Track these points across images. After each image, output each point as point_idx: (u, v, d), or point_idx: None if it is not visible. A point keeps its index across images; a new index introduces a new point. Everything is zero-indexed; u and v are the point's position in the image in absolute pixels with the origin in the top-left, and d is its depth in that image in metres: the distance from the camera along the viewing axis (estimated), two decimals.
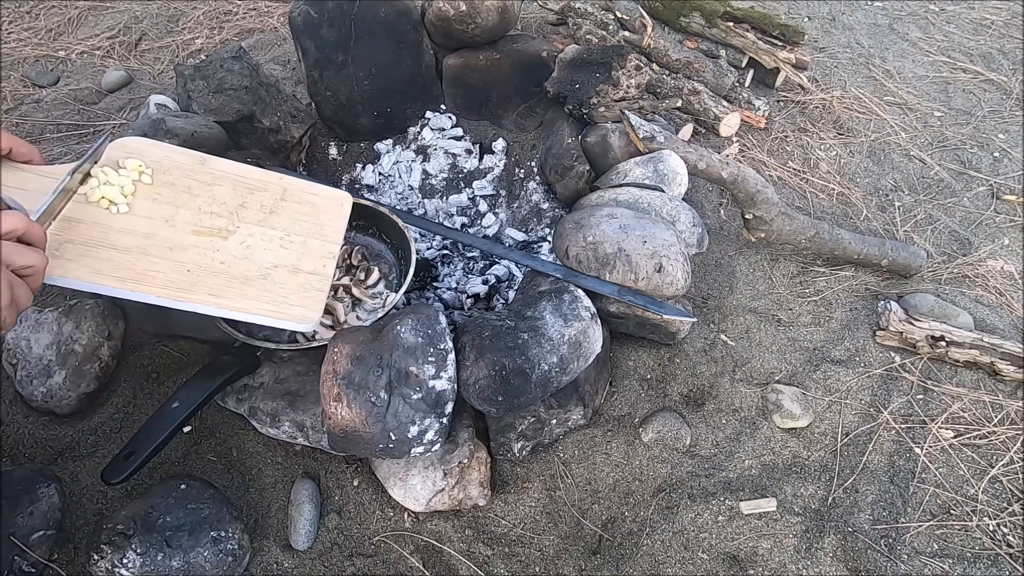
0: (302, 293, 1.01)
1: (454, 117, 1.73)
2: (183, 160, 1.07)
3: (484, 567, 1.08)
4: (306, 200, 1.14)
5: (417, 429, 0.96)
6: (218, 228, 1.02)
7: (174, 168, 1.05)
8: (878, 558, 1.12)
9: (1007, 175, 1.91)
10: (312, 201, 1.14)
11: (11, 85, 1.96)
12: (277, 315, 0.96)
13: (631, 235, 1.14)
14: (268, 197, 1.10)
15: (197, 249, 0.98)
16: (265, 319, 0.95)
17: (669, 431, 1.23)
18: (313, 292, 1.02)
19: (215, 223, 1.02)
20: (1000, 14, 2.62)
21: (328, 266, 1.07)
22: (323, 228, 1.12)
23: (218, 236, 1.01)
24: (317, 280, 1.04)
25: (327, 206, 1.15)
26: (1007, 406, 1.33)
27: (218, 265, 0.98)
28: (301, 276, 1.03)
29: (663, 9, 1.95)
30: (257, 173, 1.13)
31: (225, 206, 1.05)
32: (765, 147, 1.89)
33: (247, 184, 1.10)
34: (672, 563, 1.10)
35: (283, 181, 1.14)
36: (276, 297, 0.98)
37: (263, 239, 1.04)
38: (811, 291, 1.55)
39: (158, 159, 1.05)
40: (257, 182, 1.11)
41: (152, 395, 1.20)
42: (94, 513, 1.07)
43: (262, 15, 2.31)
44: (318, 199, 1.15)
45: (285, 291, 1.00)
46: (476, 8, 1.47)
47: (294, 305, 0.99)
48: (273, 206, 1.09)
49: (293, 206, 1.11)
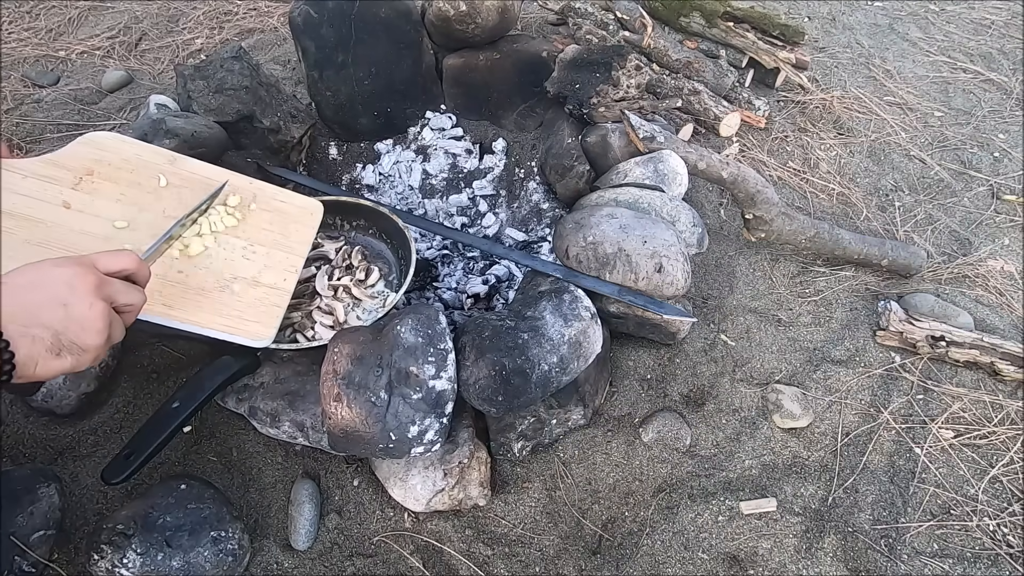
0: (259, 308, 0.99)
1: (454, 117, 1.73)
2: (153, 159, 1.05)
3: (484, 567, 1.08)
4: (275, 208, 1.12)
5: (417, 429, 0.96)
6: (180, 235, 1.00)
7: (142, 167, 1.03)
8: (878, 558, 1.12)
9: (1007, 175, 1.91)
10: (282, 209, 1.12)
11: (11, 85, 1.96)
12: (231, 330, 0.95)
13: (631, 235, 1.14)
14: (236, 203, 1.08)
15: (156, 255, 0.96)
16: (218, 333, 0.94)
17: (669, 431, 1.23)
18: (270, 307, 1.00)
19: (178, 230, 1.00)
20: (1000, 14, 2.62)
21: (289, 280, 1.05)
22: (289, 239, 1.10)
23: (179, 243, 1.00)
24: (276, 295, 1.02)
25: (297, 215, 1.14)
26: (1007, 406, 1.33)
27: (176, 274, 0.96)
28: (260, 290, 1.01)
29: (663, 9, 1.95)
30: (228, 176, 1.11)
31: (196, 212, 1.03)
32: (765, 147, 1.89)
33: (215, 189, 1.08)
34: (672, 563, 1.10)
35: (253, 187, 1.12)
36: (232, 311, 0.96)
37: (226, 248, 1.03)
38: (811, 291, 1.55)
39: (127, 158, 1.03)
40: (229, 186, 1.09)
41: (152, 395, 1.20)
42: (94, 513, 1.07)
43: (262, 15, 2.31)
44: (288, 207, 1.13)
45: (242, 305, 0.98)
46: (476, 8, 1.47)
47: (249, 321, 0.97)
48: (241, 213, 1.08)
49: (261, 214, 1.10)
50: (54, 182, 0.95)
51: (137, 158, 1.04)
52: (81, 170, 0.98)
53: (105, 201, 0.97)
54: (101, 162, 1.01)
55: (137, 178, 1.02)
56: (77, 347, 0.64)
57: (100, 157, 1.01)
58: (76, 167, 0.98)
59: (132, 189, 1.00)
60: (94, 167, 1.00)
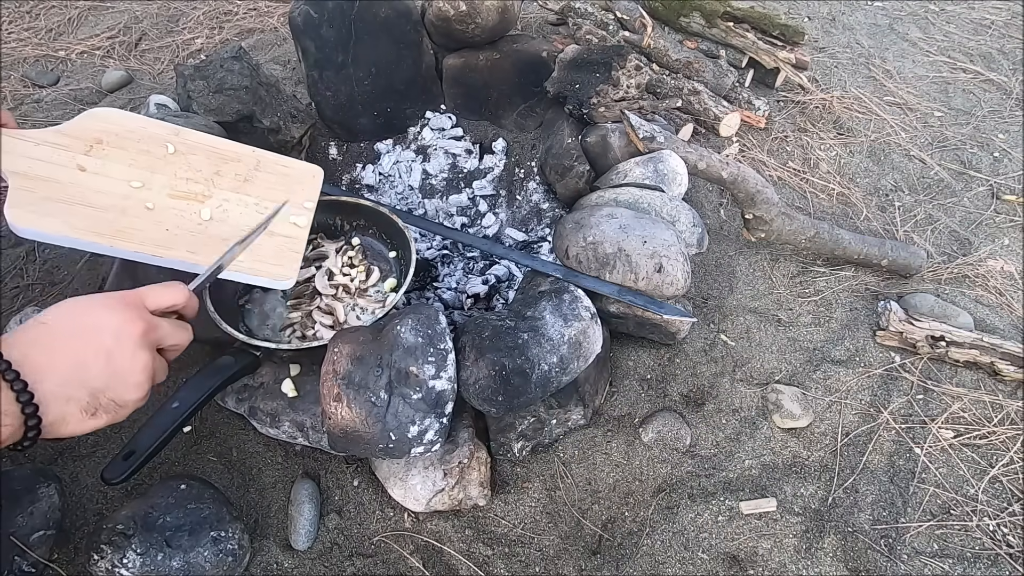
0: (279, 254, 1.05)
1: (454, 117, 1.72)
2: (158, 131, 1.09)
3: (484, 567, 1.08)
4: (279, 172, 1.17)
5: (417, 429, 0.96)
6: (194, 192, 1.05)
7: (149, 138, 1.07)
8: (878, 558, 1.12)
9: (1007, 175, 1.91)
10: (285, 172, 1.18)
11: (11, 85, 1.96)
12: (256, 272, 1.00)
13: (631, 235, 1.14)
14: (242, 167, 1.13)
15: (175, 211, 1.01)
16: (244, 276, 0.99)
17: (669, 431, 1.23)
18: (289, 253, 1.07)
19: (191, 188, 1.05)
20: (1000, 14, 2.62)
21: (303, 231, 1.10)
22: (296, 196, 1.15)
23: (195, 200, 1.04)
24: (292, 242, 1.08)
25: (300, 177, 1.19)
26: (1007, 406, 1.33)
27: (195, 225, 1.01)
28: (277, 239, 1.07)
29: (663, 9, 1.95)
30: (231, 145, 1.16)
31: (200, 173, 1.08)
32: (765, 147, 1.89)
33: (221, 155, 1.13)
34: (672, 563, 1.10)
35: (256, 154, 1.17)
36: (254, 256, 1.01)
37: (238, 204, 1.08)
38: (811, 291, 1.55)
39: (133, 129, 1.07)
40: (231, 153, 1.14)
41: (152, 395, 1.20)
42: (94, 513, 1.07)
43: (262, 15, 2.31)
44: (291, 171, 1.19)
45: (263, 251, 1.03)
46: (476, 8, 1.47)
47: (272, 264, 1.03)
48: (247, 175, 1.13)
49: (267, 176, 1.15)
50: (66, 149, 0.98)
51: (142, 130, 1.08)
52: (90, 139, 1.02)
53: (118, 165, 1.01)
54: (108, 132, 1.04)
55: (145, 146, 1.06)
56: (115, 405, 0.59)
57: (106, 128, 1.05)
58: (85, 136, 1.02)
59: (142, 156, 1.05)
60: (102, 136, 1.03)
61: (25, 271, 1.38)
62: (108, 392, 0.58)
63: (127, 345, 0.59)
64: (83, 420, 0.57)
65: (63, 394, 0.55)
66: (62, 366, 0.56)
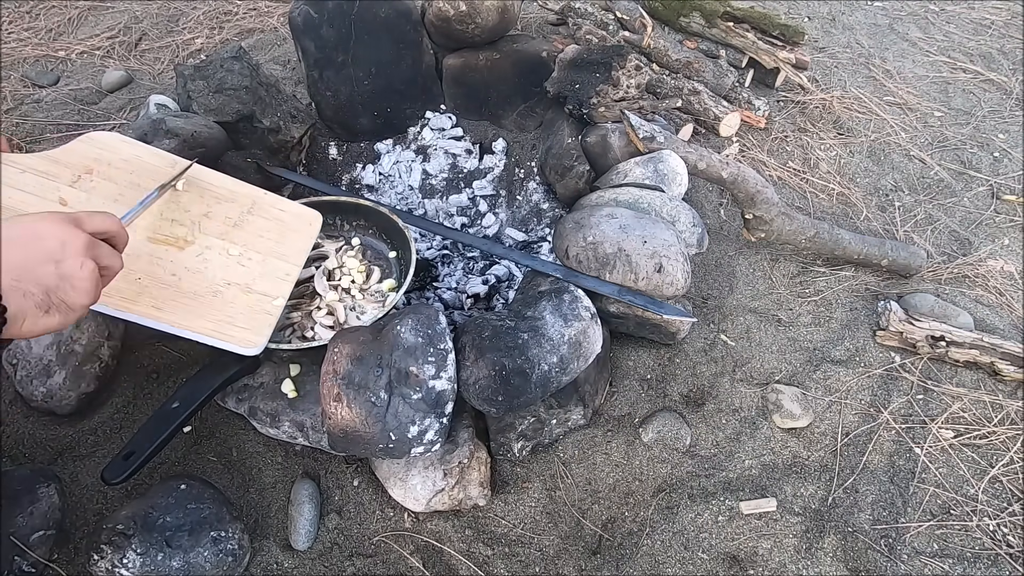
0: (251, 315, 0.98)
1: (454, 117, 1.72)
2: (153, 161, 1.05)
3: (484, 567, 1.08)
4: (274, 216, 1.11)
5: (417, 429, 0.96)
6: (176, 237, 0.99)
7: (142, 169, 1.03)
8: (878, 558, 1.12)
9: (1007, 175, 1.91)
10: (280, 218, 1.12)
11: (11, 85, 1.96)
12: (220, 336, 0.93)
13: (631, 235, 1.14)
14: (235, 209, 1.08)
15: (151, 258, 0.95)
16: (207, 339, 0.92)
17: (669, 431, 1.23)
18: (262, 315, 0.99)
19: (174, 231, 0.99)
20: (1000, 14, 2.62)
21: (284, 289, 1.04)
22: (286, 248, 1.09)
23: (175, 246, 0.99)
24: (269, 303, 1.01)
25: (295, 224, 1.13)
26: (1007, 406, 1.33)
27: (169, 277, 0.95)
28: (253, 297, 1.00)
29: (663, 9, 1.95)
30: (229, 183, 1.10)
31: (188, 215, 1.03)
32: (765, 147, 1.89)
33: (216, 193, 1.07)
34: (672, 563, 1.10)
35: (252, 194, 1.11)
36: (223, 316, 0.95)
37: (221, 254, 1.02)
38: (811, 291, 1.55)
39: (127, 158, 1.02)
40: (227, 192, 1.09)
41: (152, 395, 1.20)
42: (94, 513, 1.07)
43: (262, 15, 2.31)
44: (286, 216, 1.13)
45: (233, 311, 0.97)
46: (476, 8, 1.47)
47: (240, 327, 0.96)
48: (238, 219, 1.07)
49: (259, 221, 1.09)
50: (52, 178, 0.94)
51: (137, 159, 1.03)
52: (80, 168, 0.98)
53: (102, 200, 0.96)
54: (100, 161, 1.00)
55: (137, 179, 1.01)
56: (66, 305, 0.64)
57: (100, 156, 1.01)
58: (75, 164, 0.98)
59: (131, 190, 1.00)
60: (93, 166, 0.99)
61: None
62: (59, 292, 0.63)
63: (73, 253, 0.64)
64: (39, 316, 0.61)
65: (20, 288, 0.60)
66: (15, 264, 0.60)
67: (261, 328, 0.98)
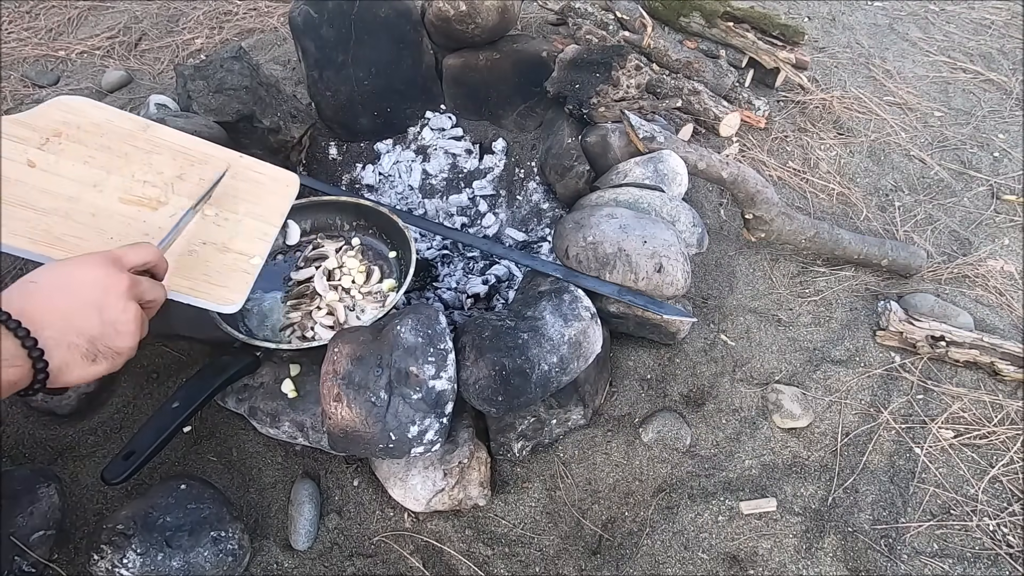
0: (228, 274, 0.98)
1: (454, 117, 1.72)
2: (124, 124, 1.04)
3: (484, 567, 1.08)
4: (250, 178, 1.11)
5: (417, 429, 0.96)
6: (149, 198, 0.98)
7: (113, 132, 1.02)
8: (878, 558, 1.12)
9: (1007, 175, 1.91)
10: (257, 180, 1.11)
11: (11, 85, 1.96)
12: (197, 293, 0.93)
13: (631, 235, 1.14)
14: (209, 171, 1.07)
15: (122, 218, 0.95)
16: (183, 296, 0.92)
17: (669, 431, 1.23)
18: (240, 274, 0.99)
19: (146, 192, 0.99)
20: (1000, 14, 2.62)
21: (262, 248, 1.03)
22: (263, 208, 1.08)
23: (147, 207, 0.98)
24: (246, 262, 1.01)
25: (272, 187, 1.12)
26: (1007, 406, 1.33)
27: (141, 236, 0.94)
28: (230, 256, 1.00)
29: (663, 9, 1.95)
30: (203, 146, 1.10)
31: (161, 176, 1.02)
32: (765, 147, 1.89)
33: (189, 156, 1.07)
34: (672, 563, 1.10)
35: (229, 157, 1.11)
36: (199, 275, 0.95)
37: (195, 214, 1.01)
38: (811, 291, 1.55)
39: (98, 122, 1.02)
40: (201, 155, 1.08)
41: (152, 395, 1.20)
42: (94, 513, 1.07)
43: (262, 15, 2.31)
44: (264, 178, 1.12)
45: (209, 269, 0.96)
46: (476, 8, 1.47)
47: (217, 285, 0.95)
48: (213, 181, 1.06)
49: (235, 183, 1.08)
50: (20, 141, 0.94)
51: (108, 123, 1.03)
52: (48, 131, 0.97)
53: (71, 162, 0.96)
54: (69, 124, 0.99)
55: (107, 142, 1.01)
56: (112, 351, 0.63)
57: (68, 120, 1.00)
58: (43, 127, 0.97)
59: (100, 153, 0.99)
60: (62, 129, 0.98)
61: (26, 270, 1.38)
62: (104, 340, 0.62)
63: (116, 297, 0.63)
64: (86, 366, 0.61)
65: (64, 340, 0.59)
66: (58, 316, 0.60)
67: (238, 286, 0.98)
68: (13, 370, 0.55)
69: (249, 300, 1.20)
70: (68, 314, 0.60)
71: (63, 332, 0.59)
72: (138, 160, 1.02)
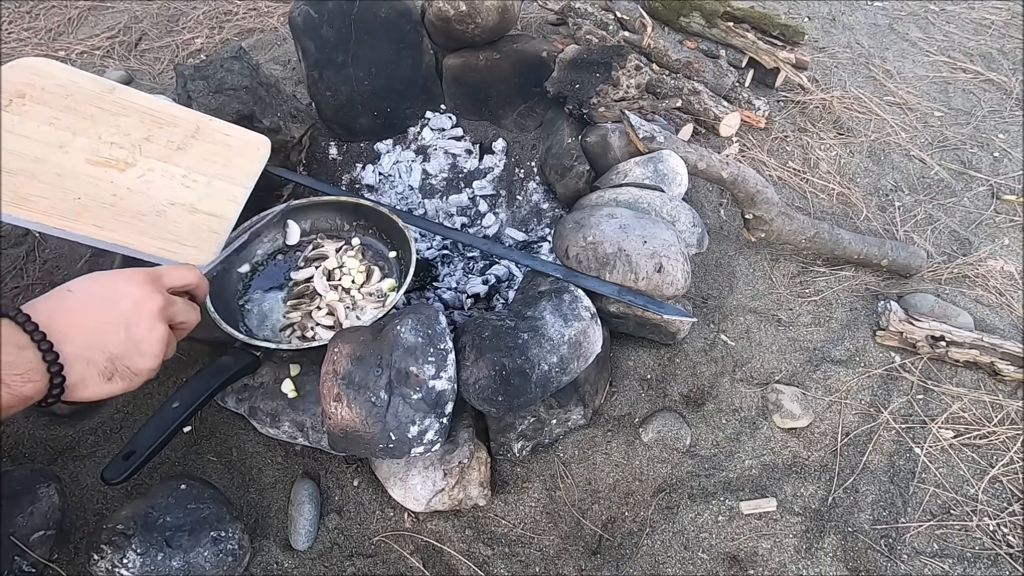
0: (197, 234, 0.99)
1: (454, 117, 1.73)
2: (90, 87, 1.04)
3: (484, 567, 1.08)
4: (219, 141, 1.11)
5: (417, 429, 0.96)
6: (116, 159, 0.99)
7: (79, 94, 1.02)
8: (878, 558, 1.12)
9: (1007, 175, 1.91)
10: (226, 143, 1.11)
11: None
12: (166, 253, 0.94)
13: (631, 235, 1.14)
14: (177, 133, 1.07)
15: (89, 179, 0.95)
16: (151, 256, 0.93)
17: (669, 431, 1.23)
18: (209, 234, 1.00)
19: (113, 154, 0.99)
20: (1000, 14, 2.62)
21: (231, 210, 1.04)
22: (233, 171, 1.09)
23: (114, 168, 0.98)
24: (216, 222, 1.02)
25: (242, 149, 1.13)
26: (1007, 406, 1.33)
27: (109, 197, 0.95)
28: (199, 216, 1.00)
29: (663, 9, 1.95)
30: (171, 108, 1.10)
31: (128, 138, 1.02)
32: (765, 147, 1.89)
33: (157, 118, 1.07)
34: (672, 563, 1.10)
35: (196, 118, 1.11)
36: (168, 235, 0.95)
37: (164, 175, 1.02)
38: (811, 291, 1.55)
39: (63, 83, 1.01)
40: (168, 117, 1.08)
41: (152, 395, 1.20)
42: (94, 513, 1.07)
43: (262, 15, 2.31)
44: (233, 141, 1.12)
45: (179, 230, 0.97)
46: (476, 8, 1.47)
47: (186, 245, 0.96)
48: (181, 143, 1.06)
49: (204, 145, 1.09)
50: None
51: (72, 84, 1.02)
52: (12, 92, 0.97)
53: (36, 123, 0.96)
54: (34, 86, 0.99)
55: (73, 104, 1.00)
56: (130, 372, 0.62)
57: (32, 81, 1.00)
58: (7, 89, 0.97)
59: (66, 114, 0.99)
60: (26, 90, 0.98)
61: (25, 271, 1.38)
62: (124, 359, 0.62)
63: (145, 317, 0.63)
64: (100, 383, 0.61)
65: (84, 356, 0.59)
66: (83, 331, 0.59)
67: (208, 246, 0.99)
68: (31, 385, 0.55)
69: (249, 300, 1.21)
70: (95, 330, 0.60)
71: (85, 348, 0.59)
72: (104, 122, 1.02)
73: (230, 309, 1.15)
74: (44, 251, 1.42)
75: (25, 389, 0.55)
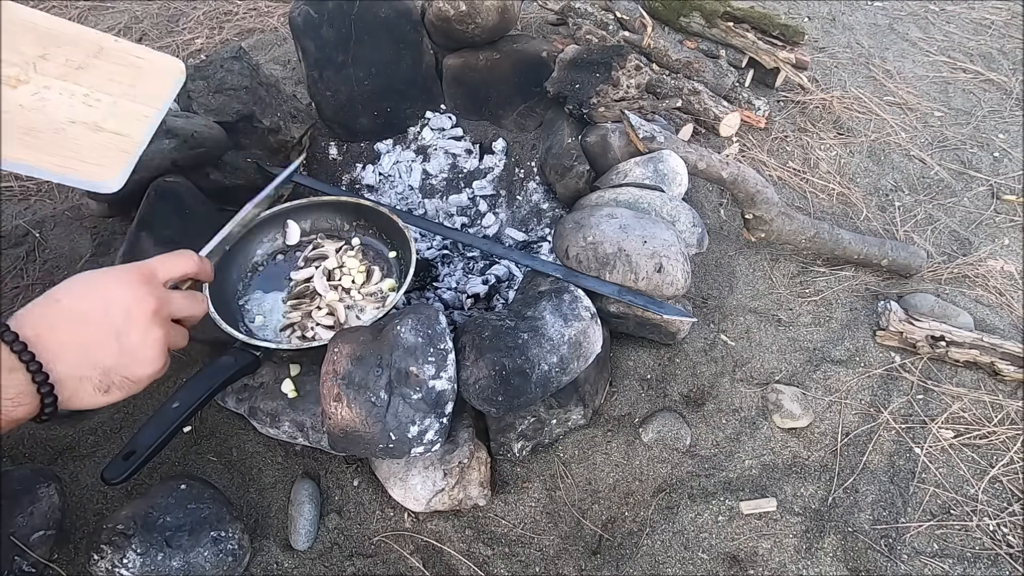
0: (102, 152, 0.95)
1: (454, 117, 1.72)
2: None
3: (484, 567, 1.08)
4: (129, 63, 1.07)
5: (417, 429, 0.96)
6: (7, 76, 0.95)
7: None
8: (878, 558, 1.12)
9: (1007, 175, 1.91)
10: (136, 64, 1.08)
11: None
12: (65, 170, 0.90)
13: (631, 235, 1.14)
14: (78, 52, 1.03)
15: None
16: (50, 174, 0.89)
17: (669, 431, 1.23)
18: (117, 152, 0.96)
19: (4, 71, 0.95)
20: (1000, 14, 2.62)
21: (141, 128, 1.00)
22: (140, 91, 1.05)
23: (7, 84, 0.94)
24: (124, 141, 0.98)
25: (153, 71, 1.09)
26: (1007, 406, 1.33)
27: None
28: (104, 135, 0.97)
29: (663, 9, 1.95)
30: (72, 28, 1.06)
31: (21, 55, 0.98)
32: (765, 147, 1.89)
33: (54, 37, 1.03)
34: (672, 563, 1.10)
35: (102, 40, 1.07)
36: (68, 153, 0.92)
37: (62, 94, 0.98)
38: (811, 291, 1.55)
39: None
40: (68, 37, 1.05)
41: (152, 395, 1.20)
42: (94, 513, 1.07)
43: (262, 15, 2.31)
44: (144, 63, 1.09)
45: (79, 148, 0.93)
46: (476, 8, 1.47)
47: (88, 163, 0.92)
48: (83, 63, 1.02)
49: (109, 66, 1.05)
50: None
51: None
52: None
53: None
54: None
55: None
56: (128, 381, 0.60)
57: None
58: None
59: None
60: None
61: (25, 271, 1.38)
62: (120, 370, 0.59)
63: (138, 323, 0.60)
64: (96, 396, 0.59)
65: (76, 375, 0.57)
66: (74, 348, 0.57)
67: (116, 164, 0.95)
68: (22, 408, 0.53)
69: (249, 300, 1.21)
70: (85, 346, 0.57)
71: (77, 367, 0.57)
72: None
73: (230, 309, 1.15)
74: (44, 251, 1.42)
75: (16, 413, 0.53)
